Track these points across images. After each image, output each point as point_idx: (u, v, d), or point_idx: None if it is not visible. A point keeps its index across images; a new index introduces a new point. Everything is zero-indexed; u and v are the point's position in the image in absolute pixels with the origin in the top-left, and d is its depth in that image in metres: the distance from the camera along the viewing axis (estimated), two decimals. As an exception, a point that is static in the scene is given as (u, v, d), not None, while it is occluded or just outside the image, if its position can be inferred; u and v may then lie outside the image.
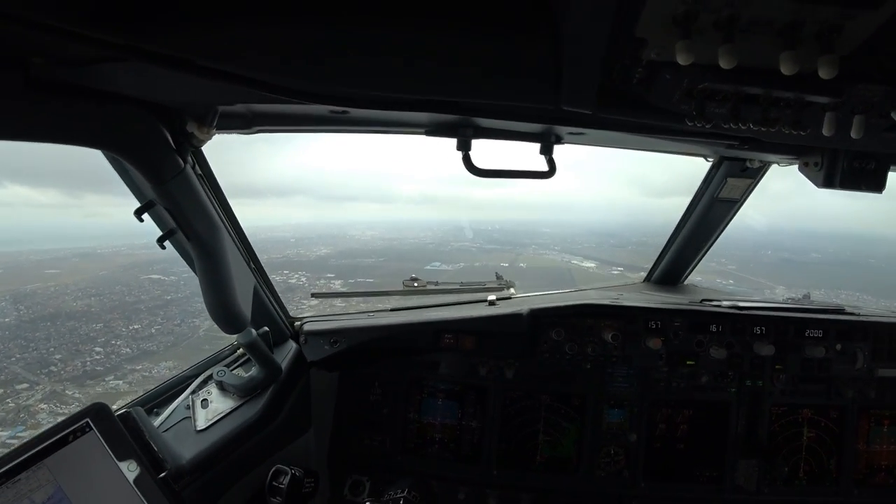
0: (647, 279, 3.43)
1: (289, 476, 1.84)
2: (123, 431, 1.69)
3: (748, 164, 2.53)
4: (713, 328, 2.58)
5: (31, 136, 1.18)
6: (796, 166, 2.25)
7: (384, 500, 1.82)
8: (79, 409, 1.67)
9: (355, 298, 2.85)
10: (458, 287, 2.84)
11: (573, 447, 2.72)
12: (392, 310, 2.73)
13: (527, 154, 1.87)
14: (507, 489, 2.66)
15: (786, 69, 1.01)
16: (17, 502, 1.47)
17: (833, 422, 2.71)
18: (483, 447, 2.71)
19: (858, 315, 2.67)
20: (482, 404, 2.73)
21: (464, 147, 1.64)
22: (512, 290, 2.93)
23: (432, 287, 2.73)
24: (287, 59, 1.11)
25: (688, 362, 2.60)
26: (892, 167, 1.82)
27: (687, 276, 3.41)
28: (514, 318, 2.61)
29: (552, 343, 2.62)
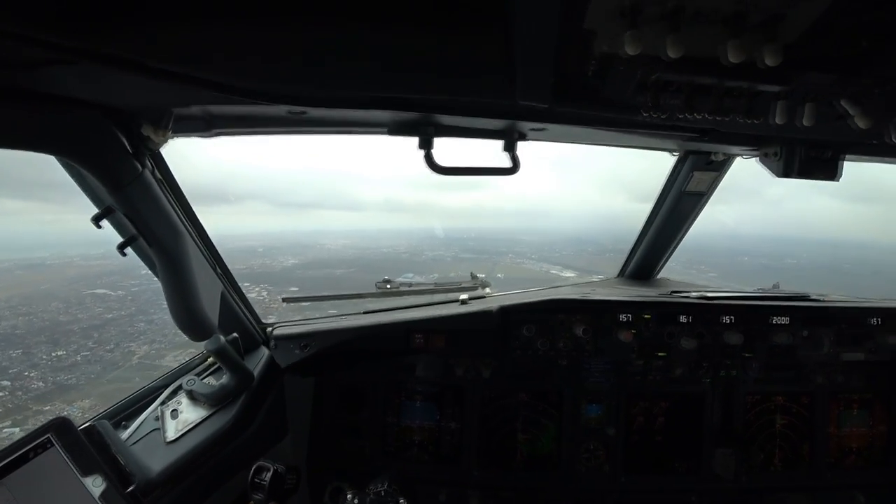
0: (621, 274, 3.47)
1: (271, 472, 1.81)
2: (87, 446, 1.64)
3: (713, 157, 2.58)
4: (682, 319, 2.62)
5: None
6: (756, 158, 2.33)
7: (364, 492, 1.80)
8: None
9: (328, 302, 2.82)
10: (431, 287, 2.83)
11: (552, 444, 2.73)
12: (365, 312, 2.70)
13: (492, 152, 1.89)
14: (489, 489, 2.66)
15: (732, 57, 1.05)
16: (-26, 524, 1.42)
17: (804, 407, 2.79)
18: (463, 448, 2.71)
19: (823, 301, 2.74)
20: (460, 405, 2.74)
21: (426, 145, 1.64)
22: (487, 290, 2.94)
23: (405, 288, 2.72)
24: (241, 60, 1.11)
25: (659, 354, 2.63)
26: (845, 155, 1.89)
27: (659, 271, 3.46)
28: (483, 315, 2.61)
29: (523, 339, 2.63)
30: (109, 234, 1.64)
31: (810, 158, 1.87)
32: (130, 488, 1.67)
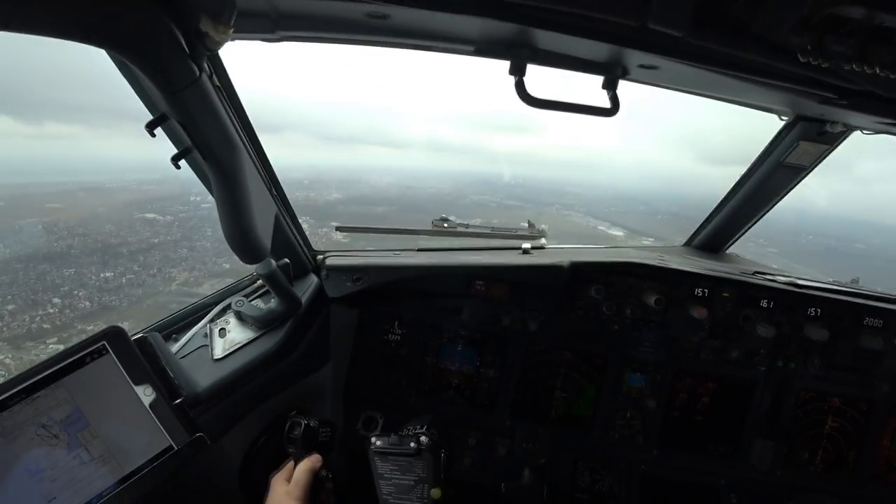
0: (688, 244, 3.21)
1: (302, 427, 1.82)
2: (139, 356, 1.65)
3: (829, 127, 2.24)
4: (764, 304, 2.41)
5: (19, 25, 1.00)
6: (882, 136, 1.98)
7: (402, 433, 1.79)
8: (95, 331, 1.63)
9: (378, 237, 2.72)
10: (489, 231, 2.68)
11: (590, 406, 2.67)
12: (419, 250, 2.59)
13: (584, 92, 1.64)
14: (522, 440, 2.66)
15: None
16: (36, 419, 1.46)
17: (861, 414, 2.59)
18: (499, 397, 2.68)
19: None
20: (502, 354, 2.67)
21: (518, 72, 1.42)
22: (544, 241, 2.77)
23: (462, 229, 2.58)
24: None
25: (732, 337, 2.46)
26: None
27: (730, 245, 3.19)
28: (552, 269, 2.46)
29: (589, 300, 2.49)
30: (165, 159, 1.53)
31: None
32: (178, 400, 1.69)
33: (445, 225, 2.60)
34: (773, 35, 1.07)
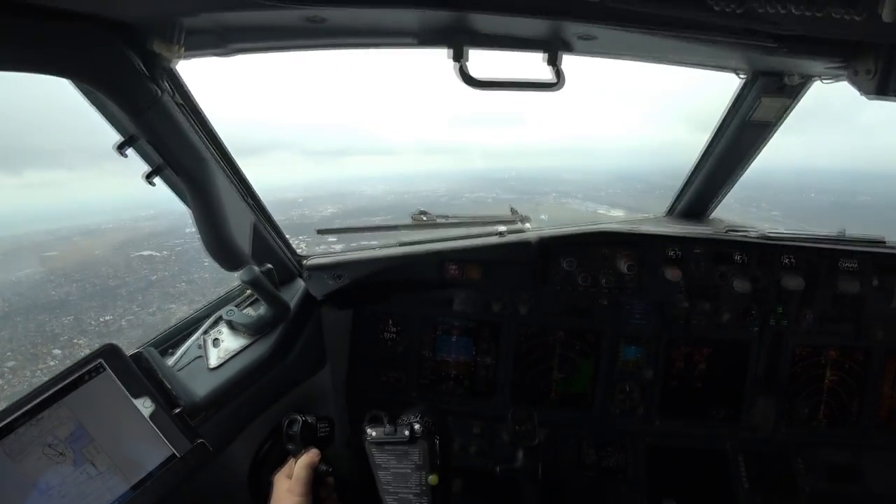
0: (670, 213, 3.24)
1: (299, 423, 1.87)
2: (136, 370, 1.71)
3: (786, 80, 2.27)
4: (737, 258, 2.43)
5: None
6: (841, 82, 2.01)
7: (398, 423, 1.84)
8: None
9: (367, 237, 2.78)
10: (468, 220, 2.73)
11: (588, 384, 2.69)
12: (400, 244, 2.65)
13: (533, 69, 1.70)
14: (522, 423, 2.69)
15: None
16: (41, 439, 1.52)
17: (859, 364, 2.57)
18: (497, 383, 2.71)
19: None
20: (496, 340, 2.71)
21: (458, 56, 1.48)
22: (527, 225, 2.81)
23: (441, 220, 2.64)
24: None
25: (708, 296, 2.48)
26: None
27: (713, 209, 3.21)
28: (521, 246, 2.51)
29: (563, 273, 2.53)
30: (157, 193, 1.62)
31: None
32: (177, 410, 1.74)
33: (424, 218, 2.66)
34: None
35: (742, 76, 2.34)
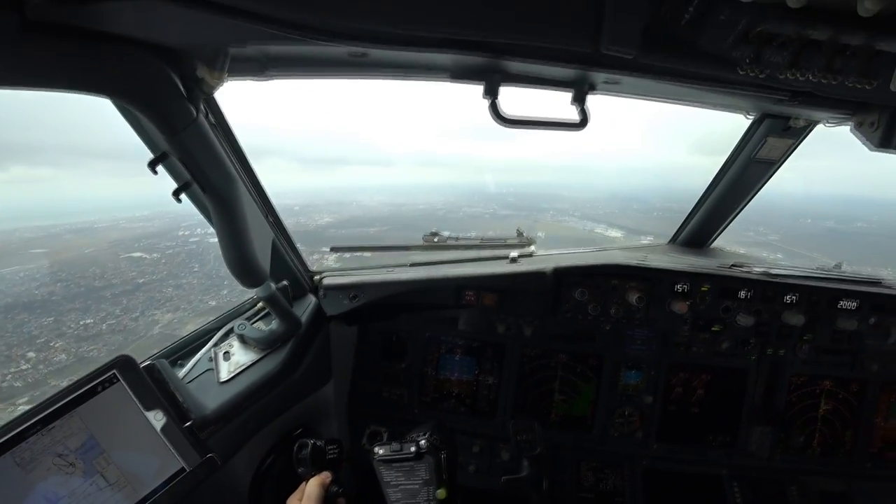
0: (673, 241, 3.32)
1: (309, 447, 1.88)
2: (149, 382, 1.71)
3: (791, 122, 2.36)
4: (742, 294, 2.50)
5: (32, 82, 1.11)
6: (847, 127, 2.09)
7: (405, 440, 1.85)
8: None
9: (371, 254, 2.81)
10: (478, 243, 2.78)
11: (588, 406, 2.74)
12: (411, 265, 2.68)
13: (557, 106, 1.75)
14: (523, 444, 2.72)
15: (864, 10, 0.88)
16: (52, 448, 1.52)
17: (853, 395, 2.67)
18: (499, 403, 2.74)
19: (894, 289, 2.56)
20: (499, 361, 2.74)
21: (491, 94, 1.52)
22: (532, 248, 2.86)
23: (452, 242, 2.68)
24: None
25: (713, 328, 2.54)
26: None
27: (714, 240, 3.29)
28: (537, 276, 2.56)
29: (575, 303, 2.58)
30: (156, 198, 1.62)
31: None
32: (188, 423, 1.75)
33: (436, 239, 2.70)
34: (717, 50, 1.18)
35: (750, 116, 2.42)
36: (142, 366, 1.75)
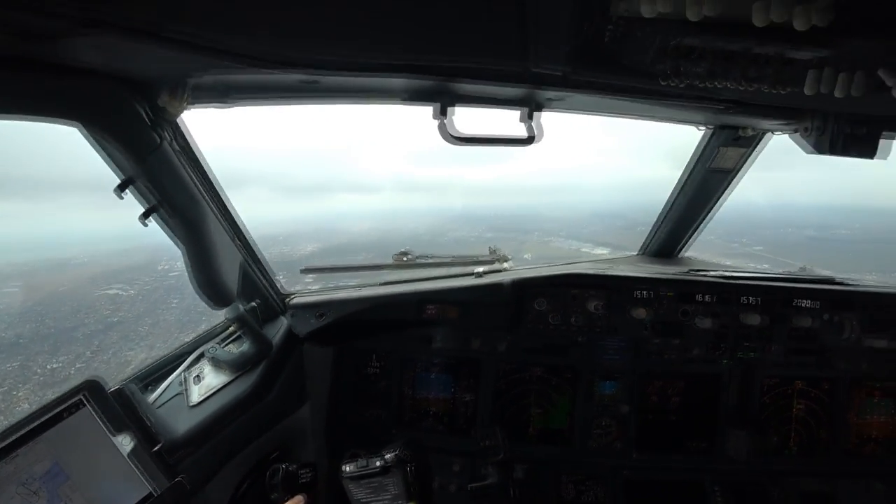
0: (642, 252, 3.41)
1: (280, 473, 1.87)
2: (117, 407, 1.71)
3: (741, 132, 2.49)
4: (699, 298, 2.58)
5: (4, 110, 1.18)
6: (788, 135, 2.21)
7: (372, 456, 1.85)
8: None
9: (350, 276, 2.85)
10: (449, 260, 2.84)
11: (566, 419, 2.75)
12: (382, 284, 2.73)
13: (513, 123, 1.84)
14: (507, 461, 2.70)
15: (757, 21, 0.98)
16: (16, 477, 1.50)
17: (825, 393, 2.72)
18: (477, 419, 2.75)
19: (850, 285, 2.66)
20: (475, 378, 2.76)
21: (441, 114, 1.61)
22: (506, 264, 2.92)
23: (422, 261, 2.74)
24: (256, 27, 1.10)
25: (673, 333, 2.62)
26: (884, 132, 1.78)
27: (682, 249, 3.38)
28: (496, 287, 2.63)
29: (535, 313, 2.64)
30: (135, 226, 1.68)
31: (845, 134, 1.77)
32: (157, 447, 1.74)
33: (405, 258, 2.75)
34: (641, 65, 1.28)
35: (702, 129, 2.55)
36: (110, 390, 1.75)
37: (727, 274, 2.64)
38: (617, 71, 1.31)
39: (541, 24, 1.13)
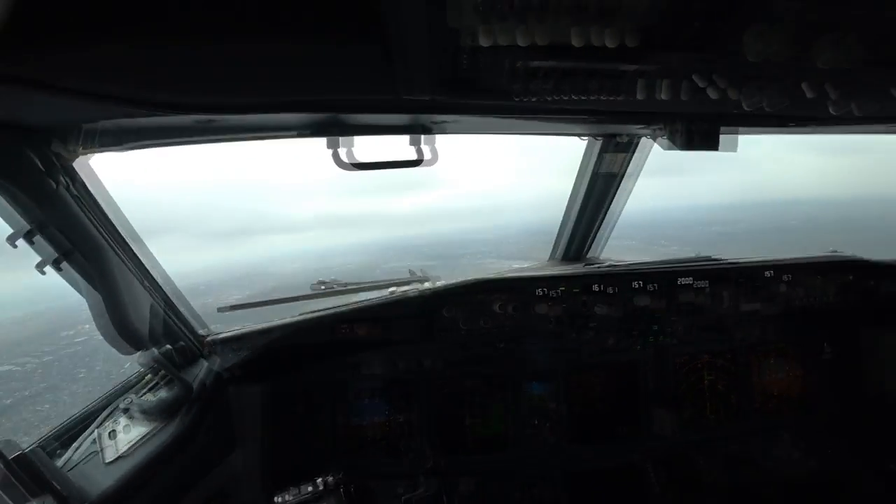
0: (552, 258, 3.68)
1: None
2: (20, 474, 1.61)
3: (618, 139, 2.81)
4: (595, 288, 2.85)
5: None
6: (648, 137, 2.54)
7: (312, 482, 1.82)
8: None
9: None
10: (367, 285, 2.91)
11: (501, 425, 2.88)
12: (300, 315, 2.74)
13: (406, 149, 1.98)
14: (445, 475, 2.74)
15: (576, 42, 1.20)
16: None
17: (729, 362, 3.07)
18: (413, 439, 2.80)
19: (722, 261, 3.07)
20: (407, 397, 2.83)
21: (333, 144, 1.73)
22: (427, 284, 3.04)
23: (340, 288, 2.79)
24: (146, 74, 1.15)
25: (579, 322, 2.86)
26: (722, 127, 2.12)
27: (588, 251, 3.67)
28: (405, 301, 2.75)
29: (445, 320, 2.78)
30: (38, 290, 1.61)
31: (690, 131, 2.09)
32: (69, 514, 1.64)
33: (323, 287, 2.79)
34: (499, 85, 1.48)
35: (585, 139, 2.86)
36: (11, 458, 1.63)
37: (617, 264, 2.95)
38: (479, 93, 1.50)
39: (404, 57, 1.29)
